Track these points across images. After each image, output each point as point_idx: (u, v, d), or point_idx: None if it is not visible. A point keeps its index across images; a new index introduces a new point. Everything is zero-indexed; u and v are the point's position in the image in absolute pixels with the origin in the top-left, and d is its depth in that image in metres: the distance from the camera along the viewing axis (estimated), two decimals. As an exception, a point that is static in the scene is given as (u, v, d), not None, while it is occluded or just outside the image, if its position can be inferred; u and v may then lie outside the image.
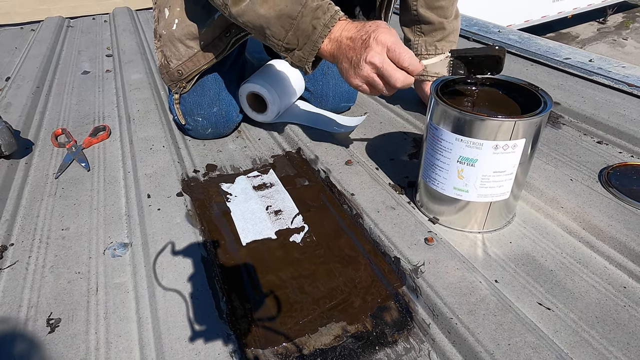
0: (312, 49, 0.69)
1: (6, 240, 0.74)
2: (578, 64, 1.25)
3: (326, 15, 0.68)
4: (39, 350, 0.56)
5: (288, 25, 0.69)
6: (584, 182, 0.79)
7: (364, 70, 0.66)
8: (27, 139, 1.05)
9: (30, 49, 1.65)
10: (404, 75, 0.66)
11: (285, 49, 0.72)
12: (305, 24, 0.68)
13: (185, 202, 0.79)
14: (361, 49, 0.66)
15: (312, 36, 0.68)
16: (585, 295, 0.60)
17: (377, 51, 0.65)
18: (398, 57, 0.65)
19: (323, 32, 0.68)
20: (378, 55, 0.65)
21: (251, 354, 0.54)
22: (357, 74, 0.67)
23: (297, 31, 0.69)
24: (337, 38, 0.68)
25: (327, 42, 0.69)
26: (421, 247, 0.66)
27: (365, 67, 0.66)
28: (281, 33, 0.70)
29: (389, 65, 0.65)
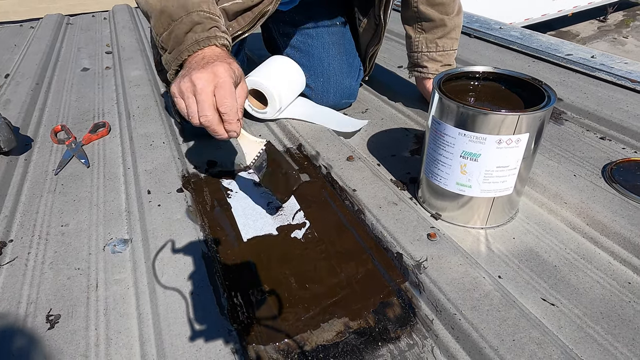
0: (176, 57, 0.66)
1: (5, 237, 0.73)
2: (580, 60, 1.25)
3: (202, 34, 0.65)
4: (38, 346, 0.55)
5: (166, 25, 0.67)
6: (588, 178, 0.78)
7: (183, 84, 0.61)
8: (27, 135, 1.04)
9: (30, 46, 1.64)
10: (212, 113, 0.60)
11: (160, 47, 0.70)
12: (180, 31, 0.66)
13: (185, 198, 0.79)
14: (196, 66, 0.62)
15: (180, 46, 0.66)
16: (589, 291, 0.59)
17: (203, 76, 0.60)
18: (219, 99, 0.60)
19: (191, 47, 0.64)
20: (201, 80, 0.59)
21: (252, 350, 0.53)
22: (177, 83, 0.62)
23: (172, 34, 0.66)
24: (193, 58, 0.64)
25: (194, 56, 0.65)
26: (424, 242, 0.65)
27: (186, 82, 0.60)
28: (159, 29, 0.68)
29: (205, 96, 0.59)
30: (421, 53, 1.01)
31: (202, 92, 0.59)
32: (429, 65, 1.01)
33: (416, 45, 1.01)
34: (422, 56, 1.01)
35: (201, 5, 0.67)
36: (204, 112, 0.60)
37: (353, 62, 1.09)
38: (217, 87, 0.60)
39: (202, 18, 0.66)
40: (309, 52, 1.05)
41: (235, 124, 0.62)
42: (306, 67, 1.04)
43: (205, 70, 0.60)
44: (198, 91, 0.60)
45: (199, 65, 0.62)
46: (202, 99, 0.60)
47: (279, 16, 1.07)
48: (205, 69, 0.61)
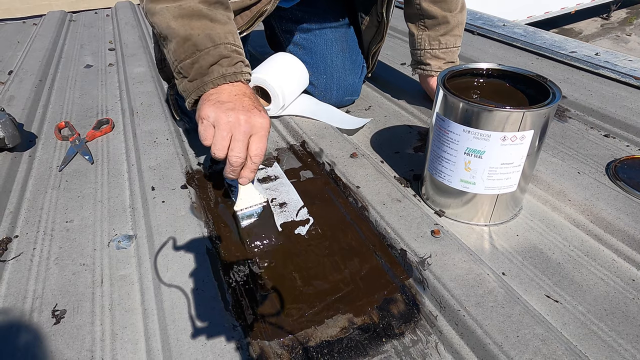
0: (198, 87, 0.66)
1: (10, 232, 0.73)
2: (584, 57, 1.24)
3: (229, 69, 0.65)
4: (44, 341, 0.55)
5: (190, 53, 0.66)
6: (592, 175, 0.78)
7: (229, 117, 0.61)
8: (31, 131, 1.04)
9: (33, 43, 1.65)
10: (244, 156, 0.62)
11: (177, 72, 0.69)
12: (205, 62, 0.65)
13: (189, 195, 0.79)
14: (241, 107, 0.62)
15: (205, 77, 0.65)
16: (593, 288, 0.59)
17: (253, 122, 0.62)
18: (251, 147, 0.62)
19: (216, 81, 0.64)
20: (249, 126, 0.62)
21: (257, 345, 0.54)
22: (216, 112, 0.62)
23: (196, 64, 0.65)
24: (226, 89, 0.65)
25: (212, 91, 0.65)
26: (427, 239, 0.65)
27: (232, 116, 0.61)
28: (180, 55, 0.66)
29: (242, 139, 0.62)
30: (424, 50, 1.01)
31: (245, 134, 0.62)
32: (432, 62, 1.01)
33: (419, 42, 1.01)
34: (425, 54, 1.01)
35: (227, 37, 0.66)
36: (239, 153, 0.62)
37: (356, 59, 1.09)
38: (256, 135, 0.63)
39: (229, 51, 0.66)
40: (312, 49, 1.05)
41: (254, 174, 0.66)
42: (309, 64, 1.04)
43: (255, 116, 0.63)
44: (242, 132, 0.62)
45: (244, 105, 0.63)
46: (240, 139, 0.62)
47: (282, 13, 1.06)
48: (254, 114, 0.63)
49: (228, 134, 0.62)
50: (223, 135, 0.62)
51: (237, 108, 0.62)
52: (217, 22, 0.67)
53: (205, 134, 0.63)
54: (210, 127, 0.63)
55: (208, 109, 0.63)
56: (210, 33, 0.66)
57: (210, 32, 0.66)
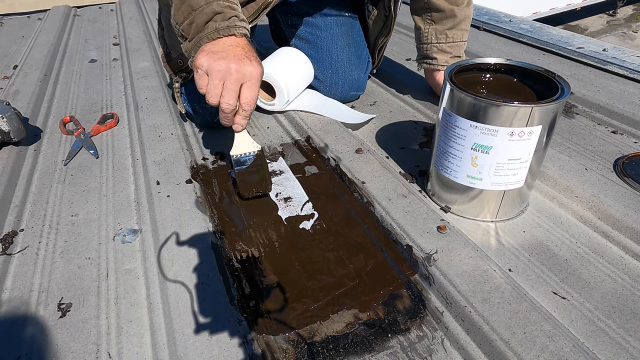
0: (196, 44, 0.67)
1: (16, 226, 0.74)
2: (591, 53, 1.23)
3: (222, 23, 0.66)
4: (50, 334, 0.56)
5: (187, 14, 0.68)
6: (599, 172, 0.78)
7: (218, 65, 0.63)
8: (36, 126, 1.04)
9: (38, 38, 1.65)
10: (234, 102, 0.65)
11: (180, 35, 0.71)
12: (200, 20, 0.67)
13: (194, 189, 0.79)
14: (233, 55, 0.64)
15: (200, 33, 0.67)
16: (601, 285, 0.59)
17: (243, 71, 0.64)
18: (242, 94, 0.65)
19: (210, 35, 0.66)
20: (240, 74, 0.64)
21: (262, 340, 0.53)
22: (209, 60, 0.64)
23: (192, 23, 0.67)
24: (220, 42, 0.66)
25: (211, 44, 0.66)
26: (433, 235, 0.65)
27: (223, 64, 0.63)
28: (179, 18, 0.69)
29: (233, 85, 0.64)
30: (430, 44, 1.00)
31: (235, 82, 0.64)
32: (438, 56, 1.00)
33: (425, 36, 1.00)
34: (432, 47, 1.00)
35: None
36: (229, 100, 0.65)
37: (362, 54, 1.08)
38: (246, 84, 0.65)
39: (221, 7, 0.67)
40: (318, 43, 1.04)
41: (246, 120, 0.69)
42: (314, 59, 1.04)
43: (244, 64, 0.64)
44: (232, 80, 0.64)
45: (235, 54, 0.65)
46: (231, 88, 0.64)
47: (287, 7, 1.06)
48: (244, 62, 0.64)
49: (220, 82, 0.64)
50: (215, 83, 0.64)
51: (229, 57, 0.64)
52: None
53: (199, 82, 0.65)
54: (204, 75, 0.65)
55: (202, 58, 0.65)
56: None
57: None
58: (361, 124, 0.98)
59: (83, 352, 0.53)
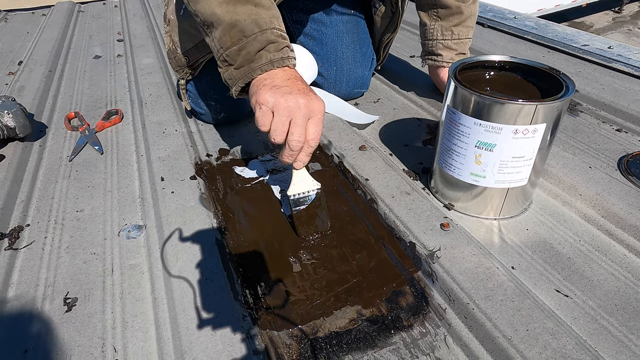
0: (246, 74, 0.65)
1: (22, 221, 0.74)
2: (597, 50, 1.23)
3: (276, 55, 0.64)
4: (56, 328, 0.56)
5: (236, 40, 0.65)
6: (603, 170, 0.77)
7: (290, 101, 0.60)
8: (41, 122, 1.05)
9: (42, 34, 1.65)
10: (303, 140, 0.62)
11: (223, 60, 0.68)
12: (252, 49, 0.64)
13: (198, 186, 0.79)
14: (301, 90, 0.62)
15: (253, 63, 0.64)
16: (604, 283, 0.59)
17: (312, 107, 0.61)
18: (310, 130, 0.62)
19: (265, 67, 0.64)
20: (308, 110, 0.61)
21: (266, 335, 0.54)
22: (275, 96, 0.61)
23: (243, 50, 0.64)
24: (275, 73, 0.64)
25: (262, 76, 0.64)
26: (437, 232, 0.65)
27: (294, 100, 0.60)
28: (226, 42, 0.66)
29: (302, 123, 0.61)
30: (436, 41, 1.00)
31: (304, 117, 0.61)
32: (443, 53, 1.00)
33: (431, 32, 1.00)
34: (437, 44, 1.00)
35: (273, 22, 0.66)
36: (299, 137, 0.61)
37: (366, 51, 1.08)
38: (312, 119, 0.62)
39: (275, 37, 0.65)
40: (323, 40, 1.04)
41: (309, 157, 0.65)
42: (319, 56, 1.04)
43: (313, 99, 0.61)
44: (300, 116, 0.61)
45: (300, 89, 0.62)
46: (301, 124, 0.61)
47: (293, 4, 1.06)
48: (311, 97, 0.62)
49: (287, 119, 0.61)
50: (282, 120, 0.61)
51: (294, 92, 0.61)
52: (262, 6, 0.66)
53: (263, 119, 0.62)
54: (269, 112, 0.61)
55: (266, 94, 0.61)
56: (256, 18, 0.65)
57: (256, 17, 0.65)
58: (366, 125, 0.98)
59: (89, 346, 0.54)
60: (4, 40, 1.63)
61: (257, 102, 0.62)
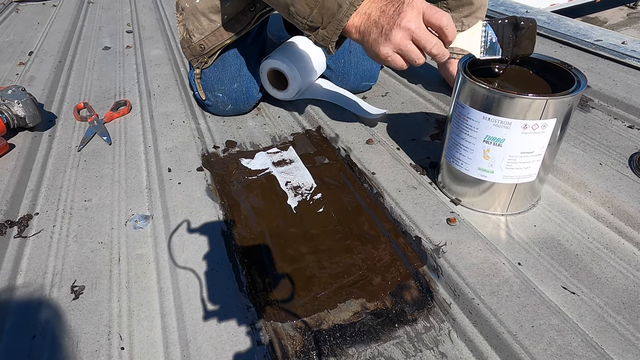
0: (336, 27, 0.67)
1: (31, 210, 0.75)
2: (610, 46, 1.20)
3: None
4: (64, 315, 0.57)
5: (313, 3, 0.66)
6: (614, 167, 0.76)
7: (397, 37, 0.61)
8: (50, 112, 1.06)
9: (52, 25, 1.66)
10: (439, 41, 0.63)
11: (309, 27, 0.69)
12: (331, 2, 0.65)
13: (205, 177, 0.80)
14: (394, 16, 0.61)
15: (337, 14, 0.66)
16: (612, 281, 0.58)
17: (412, 16, 0.61)
18: (435, 19, 0.61)
19: (349, 11, 0.65)
20: (413, 21, 0.61)
21: (270, 326, 0.54)
22: (388, 40, 0.62)
23: (322, 9, 0.66)
24: (365, 11, 0.65)
25: (354, 17, 0.66)
26: (443, 227, 0.65)
27: (399, 32, 0.61)
28: (305, 10, 0.67)
29: (424, 30, 0.61)
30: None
31: (419, 29, 0.61)
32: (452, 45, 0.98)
33: (440, 25, 0.99)
34: None
35: None
36: (431, 42, 0.61)
37: (375, 44, 1.07)
38: (425, 14, 0.62)
39: None
40: (331, 33, 1.04)
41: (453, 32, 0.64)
42: (327, 49, 1.03)
43: (400, 14, 0.61)
44: (415, 30, 0.61)
45: (387, 15, 0.62)
46: (423, 35, 0.61)
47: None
48: (397, 12, 0.61)
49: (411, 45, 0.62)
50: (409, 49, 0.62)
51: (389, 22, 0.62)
52: None
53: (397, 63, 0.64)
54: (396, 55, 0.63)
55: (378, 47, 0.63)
56: None
57: None
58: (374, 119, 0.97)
59: (95, 333, 0.55)
60: (15, 31, 1.64)
61: (382, 58, 0.64)
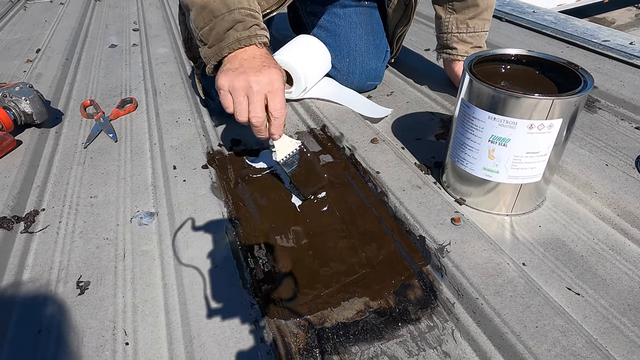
0: (217, 53, 0.67)
1: (38, 205, 0.76)
2: (617, 46, 1.20)
3: (244, 33, 0.66)
4: (69, 310, 0.57)
5: (207, 20, 0.67)
6: (620, 168, 0.76)
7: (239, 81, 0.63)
8: (57, 109, 1.07)
9: (60, 22, 1.67)
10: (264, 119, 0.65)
11: (199, 39, 0.70)
12: (221, 28, 0.66)
13: (210, 175, 0.80)
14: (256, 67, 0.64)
15: (222, 42, 0.67)
16: (617, 283, 0.58)
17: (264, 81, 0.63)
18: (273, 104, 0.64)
19: (232, 45, 0.66)
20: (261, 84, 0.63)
21: (274, 324, 0.54)
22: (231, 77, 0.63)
23: (213, 30, 0.67)
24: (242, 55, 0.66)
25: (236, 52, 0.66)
26: (447, 227, 0.65)
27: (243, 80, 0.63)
28: (199, 23, 0.68)
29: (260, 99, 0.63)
30: (451, 34, 0.98)
31: (258, 94, 0.63)
32: (458, 46, 0.98)
33: (446, 25, 0.99)
34: (452, 37, 0.98)
35: (242, 2, 0.68)
36: (257, 113, 0.64)
37: (380, 43, 1.07)
38: (270, 93, 0.64)
39: (243, 16, 0.67)
40: (336, 32, 1.04)
41: (281, 129, 0.68)
42: (332, 47, 1.03)
43: (262, 74, 0.63)
44: (254, 93, 0.63)
45: (253, 66, 0.64)
46: (256, 101, 0.63)
47: (306, -5, 1.05)
48: (262, 72, 0.63)
49: (244, 99, 0.64)
50: (240, 100, 0.64)
51: (247, 71, 0.64)
52: None
53: (225, 102, 0.65)
54: (227, 95, 0.65)
55: (222, 79, 0.64)
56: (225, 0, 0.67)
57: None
58: (379, 119, 0.97)
59: (100, 328, 0.55)
60: (22, 29, 1.66)
61: (218, 88, 0.65)
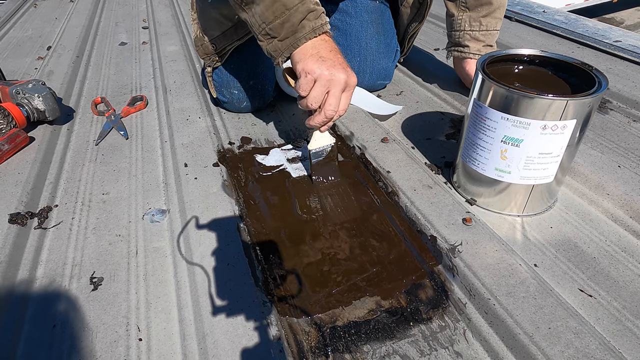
0: (292, 44, 0.68)
1: (51, 202, 0.76)
2: (629, 47, 1.19)
3: (317, 22, 0.68)
4: (83, 306, 0.58)
5: (279, 13, 0.67)
6: (633, 169, 0.75)
7: (326, 74, 0.66)
8: (69, 106, 1.07)
9: (70, 20, 1.68)
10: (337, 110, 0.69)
11: (265, 33, 0.70)
12: (296, 19, 0.67)
13: (221, 172, 0.80)
14: (343, 63, 0.68)
15: (297, 33, 0.68)
16: (630, 285, 0.58)
17: (345, 81, 0.67)
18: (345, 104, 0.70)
19: (308, 35, 0.68)
20: (343, 83, 0.67)
21: (286, 322, 0.55)
22: (320, 66, 0.66)
23: (286, 22, 0.67)
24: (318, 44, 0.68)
25: (307, 45, 0.68)
26: (459, 227, 0.65)
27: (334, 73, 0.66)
28: (269, 17, 0.68)
29: (339, 94, 0.68)
30: (463, 32, 0.98)
31: (340, 91, 0.68)
32: (470, 44, 0.98)
33: (458, 23, 0.98)
34: (464, 35, 0.98)
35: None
36: (334, 108, 0.69)
37: (390, 42, 1.07)
38: (345, 92, 0.69)
39: (313, 4, 0.68)
40: (347, 30, 1.04)
41: (332, 123, 0.73)
42: (343, 46, 1.02)
43: (348, 73, 0.68)
44: (339, 89, 0.68)
45: (340, 62, 0.68)
46: (337, 96, 0.68)
47: (318, -6, 1.05)
48: (347, 71, 0.68)
49: (326, 89, 0.68)
50: (322, 90, 0.67)
51: (337, 66, 0.67)
52: None
53: (306, 86, 0.68)
54: (312, 80, 0.67)
55: (313, 64, 0.67)
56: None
57: None
58: (389, 116, 0.97)
59: (114, 324, 0.55)
60: (33, 26, 1.67)
61: (304, 70, 0.67)
